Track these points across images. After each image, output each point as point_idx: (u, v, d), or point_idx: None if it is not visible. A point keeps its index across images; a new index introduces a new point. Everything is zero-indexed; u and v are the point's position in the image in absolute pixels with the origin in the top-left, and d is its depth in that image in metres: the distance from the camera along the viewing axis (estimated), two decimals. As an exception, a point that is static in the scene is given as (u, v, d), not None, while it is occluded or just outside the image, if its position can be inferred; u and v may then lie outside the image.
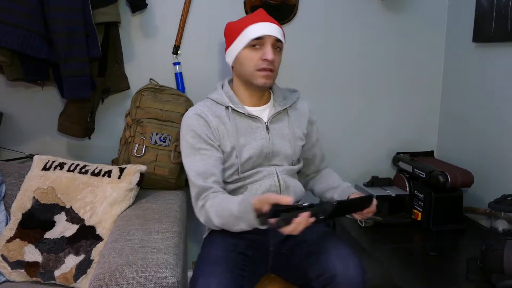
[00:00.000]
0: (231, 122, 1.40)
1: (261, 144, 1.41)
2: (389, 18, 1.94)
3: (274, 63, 1.38)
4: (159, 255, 1.22)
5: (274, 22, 1.40)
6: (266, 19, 1.40)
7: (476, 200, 1.78)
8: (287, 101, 1.49)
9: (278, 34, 1.38)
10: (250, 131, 1.42)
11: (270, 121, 1.44)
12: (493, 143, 1.71)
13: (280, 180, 1.42)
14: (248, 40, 1.36)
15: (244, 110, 1.42)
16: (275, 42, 1.38)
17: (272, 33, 1.36)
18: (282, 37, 1.40)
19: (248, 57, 1.38)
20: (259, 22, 1.38)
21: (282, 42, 1.40)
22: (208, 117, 1.40)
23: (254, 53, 1.37)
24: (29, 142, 1.87)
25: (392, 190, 1.83)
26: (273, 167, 1.43)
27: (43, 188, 1.53)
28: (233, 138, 1.39)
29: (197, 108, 1.44)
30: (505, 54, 1.64)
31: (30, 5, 1.43)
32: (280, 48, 1.41)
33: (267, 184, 1.40)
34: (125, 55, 1.81)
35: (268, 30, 1.36)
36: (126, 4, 1.76)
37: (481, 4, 1.70)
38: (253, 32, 1.36)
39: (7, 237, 1.48)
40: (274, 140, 1.43)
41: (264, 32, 1.36)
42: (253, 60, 1.37)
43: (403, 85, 2.01)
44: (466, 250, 1.55)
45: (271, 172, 1.42)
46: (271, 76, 1.39)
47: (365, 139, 2.04)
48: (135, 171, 1.53)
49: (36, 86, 1.81)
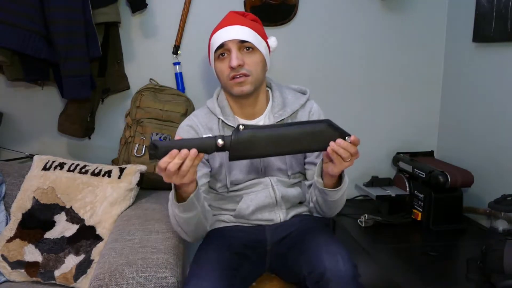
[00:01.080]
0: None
1: (250, 162, 1.34)
2: (389, 18, 1.94)
3: (247, 67, 1.26)
4: (159, 255, 1.22)
5: (237, 23, 1.28)
6: (227, 22, 1.29)
7: (476, 200, 1.78)
8: (286, 110, 1.36)
9: (240, 36, 1.26)
10: None
11: None
12: (493, 143, 1.71)
13: (275, 191, 1.35)
14: (213, 52, 1.29)
15: (234, 123, 1.33)
16: (241, 44, 1.26)
17: (232, 37, 1.25)
18: (249, 36, 1.27)
19: (219, 69, 1.30)
20: (219, 30, 1.29)
21: (249, 41, 1.27)
22: (200, 129, 1.35)
23: (223, 64, 1.28)
24: (29, 142, 1.87)
25: (392, 190, 1.83)
26: (268, 178, 1.36)
27: (43, 188, 1.53)
28: (222, 153, 1.30)
29: (192, 118, 1.38)
30: (505, 54, 1.64)
31: (30, 5, 1.43)
32: (252, 48, 1.28)
33: (262, 195, 1.35)
34: (125, 55, 1.81)
35: (228, 35, 1.26)
36: (126, 4, 1.76)
37: (481, 4, 1.70)
38: (215, 42, 1.28)
39: (7, 237, 1.48)
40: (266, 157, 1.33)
41: (224, 39, 1.26)
42: (223, 71, 1.28)
43: (403, 85, 2.01)
44: (466, 250, 1.55)
45: (266, 184, 1.36)
46: (247, 81, 1.27)
47: (365, 139, 2.02)
48: (135, 171, 1.53)
49: (36, 86, 1.81)
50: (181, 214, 1.18)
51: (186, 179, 1.05)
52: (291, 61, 1.90)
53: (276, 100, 1.37)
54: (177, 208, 1.17)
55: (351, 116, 2.01)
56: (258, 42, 1.29)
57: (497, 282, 1.22)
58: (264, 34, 1.36)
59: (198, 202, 1.18)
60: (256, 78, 1.29)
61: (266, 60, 1.33)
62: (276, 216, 1.37)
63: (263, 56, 1.31)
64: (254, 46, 1.28)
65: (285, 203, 1.38)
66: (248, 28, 1.28)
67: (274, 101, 1.38)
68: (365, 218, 1.73)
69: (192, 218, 1.20)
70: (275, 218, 1.37)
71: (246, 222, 1.38)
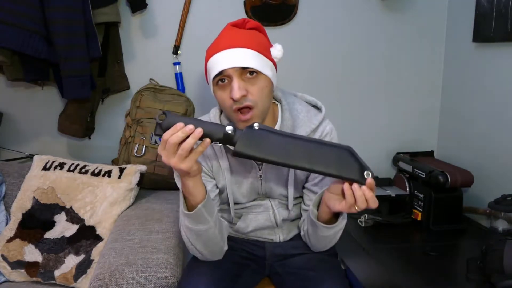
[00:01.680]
0: (224, 158, 1.22)
1: (250, 188, 1.25)
2: (389, 18, 1.94)
3: (250, 96, 1.09)
4: (159, 255, 1.22)
5: (237, 44, 1.09)
6: (226, 43, 1.11)
7: (476, 200, 1.78)
8: (296, 133, 1.18)
9: (242, 62, 1.08)
10: (244, 170, 1.23)
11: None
12: (493, 143, 1.71)
13: (276, 214, 1.28)
14: (211, 79, 1.13)
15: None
16: (242, 70, 1.09)
17: (232, 65, 1.07)
18: (251, 61, 1.09)
19: (220, 98, 1.13)
20: (218, 52, 1.10)
21: (252, 68, 1.09)
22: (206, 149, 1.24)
23: (224, 92, 1.11)
24: (29, 142, 1.87)
25: (392, 190, 1.83)
26: (269, 200, 1.28)
27: (43, 188, 1.53)
28: (225, 176, 1.23)
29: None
30: (505, 54, 1.64)
31: (30, 5, 1.44)
32: (255, 72, 1.10)
33: (262, 218, 1.29)
34: (125, 55, 1.81)
35: (227, 62, 1.08)
36: (126, 4, 1.77)
37: (481, 4, 1.70)
38: (213, 68, 1.11)
39: (7, 237, 1.48)
40: (268, 182, 1.24)
41: (223, 66, 1.08)
42: (225, 101, 1.11)
43: (403, 85, 2.01)
44: (466, 250, 1.55)
45: (267, 207, 1.28)
46: (253, 116, 1.10)
47: (365, 139, 2.04)
48: (135, 171, 1.53)
49: (36, 86, 1.81)
50: (190, 225, 1.09)
51: (185, 165, 0.96)
52: (291, 61, 1.90)
53: (285, 122, 1.21)
54: (187, 219, 1.09)
55: (351, 116, 2.01)
56: (263, 65, 1.11)
57: (497, 282, 1.21)
58: (268, 44, 1.19)
59: (210, 216, 1.09)
60: (262, 109, 1.13)
61: (273, 80, 1.17)
62: (276, 237, 1.33)
63: (268, 79, 1.14)
64: (258, 72, 1.10)
65: (286, 225, 1.33)
66: (250, 50, 1.10)
67: (282, 123, 1.21)
68: (365, 218, 1.73)
69: (204, 232, 1.10)
70: (275, 238, 1.33)
71: (245, 237, 1.35)
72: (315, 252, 1.28)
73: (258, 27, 1.18)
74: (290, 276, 1.25)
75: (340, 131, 2.05)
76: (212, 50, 1.13)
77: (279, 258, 1.31)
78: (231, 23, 1.17)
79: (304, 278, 1.20)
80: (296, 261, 1.27)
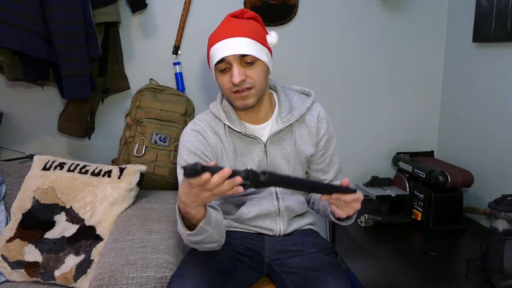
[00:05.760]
0: (228, 141, 1.30)
1: (257, 167, 1.30)
2: (389, 18, 1.94)
3: (249, 80, 1.21)
4: (159, 255, 1.22)
5: (236, 33, 1.21)
6: (226, 32, 1.22)
7: (476, 200, 1.78)
8: (294, 113, 1.32)
9: (241, 50, 1.19)
10: (248, 152, 1.31)
11: (270, 141, 1.30)
12: (493, 143, 1.71)
13: (279, 200, 1.33)
14: (213, 65, 1.24)
15: (241, 129, 1.29)
16: (242, 57, 1.20)
17: (232, 53, 1.19)
18: (249, 49, 1.20)
19: (220, 82, 1.25)
20: (219, 42, 1.21)
21: (250, 55, 1.20)
22: (207, 133, 1.30)
23: (225, 77, 1.23)
24: (29, 142, 1.87)
25: (392, 190, 1.83)
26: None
27: (43, 188, 1.53)
28: (230, 159, 1.30)
29: (196, 123, 1.32)
30: (505, 54, 1.64)
31: (30, 5, 1.44)
32: (252, 62, 1.21)
33: (265, 203, 1.33)
34: (125, 55, 1.81)
35: (228, 50, 1.19)
36: (126, 4, 1.77)
37: (481, 4, 1.70)
38: (215, 55, 1.22)
39: (7, 237, 1.48)
40: (273, 161, 1.32)
41: (224, 54, 1.19)
42: (225, 84, 1.24)
43: (403, 85, 2.01)
44: (466, 250, 1.55)
45: (271, 192, 1.34)
46: (251, 95, 1.23)
47: (365, 139, 2.04)
48: (135, 171, 1.53)
49: (36, 86, 1.81)
50: (191, 237, 1.12)
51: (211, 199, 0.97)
52: (291, 61, 1.90)
53: (283, 103, 1.34)
54: (186, 233, 1.11)
55: (351, 116, 2.01)
56: (260, 51, 1.23)
57: (497, 282, 1.22)
58: (264, 32, 1.30)
59: (209, 226, 1.11)
60: (259, 89, 1.25)
61: (269, 65, 1.28)
62: (277, 227, 1.34)
63: (265, 64, 1.25)
64: (256, 58, 1.22)
65: (288, 214, 1.35)
66: (248, 39, 1.21)
67: (281, 105, 1.34)
68: (365, 218, 1.73)
69: (203, 238, 1.13)
70: (275, 228, 1.34)
71: (245, 228, 1.36)
72: (315, 252, 1.30)
73: (255, 17, 1.31)
74: (290, 276, 1.25)
75: (340, 131, 2.06)
76: (214, 39, 1.24)
77: (278, 256, 1.31)
78: (231, 14, 1.30)
79: (306, 278, 1.21)
80: (297, 261, 1.28)
